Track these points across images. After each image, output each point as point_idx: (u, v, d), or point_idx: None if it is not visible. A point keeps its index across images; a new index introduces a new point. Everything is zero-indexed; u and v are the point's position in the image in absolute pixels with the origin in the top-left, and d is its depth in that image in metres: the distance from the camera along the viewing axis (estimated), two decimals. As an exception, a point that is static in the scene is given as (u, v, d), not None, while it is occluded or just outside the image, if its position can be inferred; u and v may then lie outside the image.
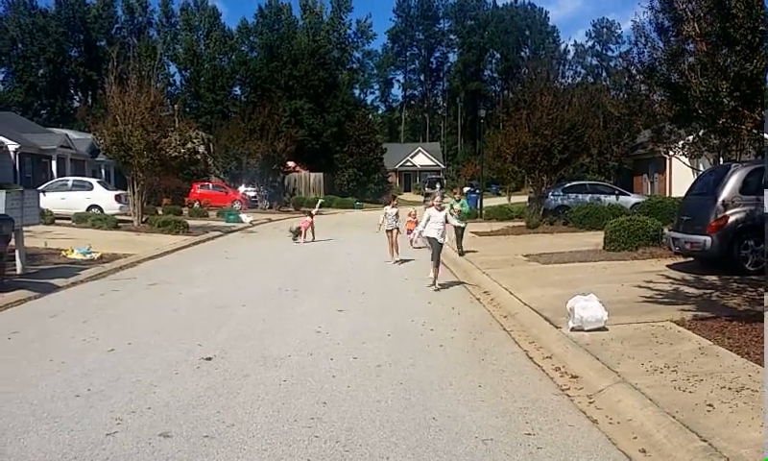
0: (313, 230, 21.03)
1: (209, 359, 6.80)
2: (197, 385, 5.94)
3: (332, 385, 5.94)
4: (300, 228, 20.82)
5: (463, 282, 12.38)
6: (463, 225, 15.02)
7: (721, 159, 17.48)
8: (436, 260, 11.54)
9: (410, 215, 19.11)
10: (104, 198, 26.53)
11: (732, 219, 11.04)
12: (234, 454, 4.42)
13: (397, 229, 15.50)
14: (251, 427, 4.90)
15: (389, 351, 7.21)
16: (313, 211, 22.44)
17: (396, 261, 15.03)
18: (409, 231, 17.61)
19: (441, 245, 11.65)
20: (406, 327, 8.49)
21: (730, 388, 5.25)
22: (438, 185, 43.03)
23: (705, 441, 4.29)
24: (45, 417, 5.11)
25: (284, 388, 5.86)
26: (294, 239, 20.64)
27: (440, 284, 11.64)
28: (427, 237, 11.70)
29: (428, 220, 11.58)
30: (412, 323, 8.71)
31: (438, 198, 12.27)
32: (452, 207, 14.63)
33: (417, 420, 5.06)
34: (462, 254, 15.75)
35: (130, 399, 5.55)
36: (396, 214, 15.61)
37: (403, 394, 5.71)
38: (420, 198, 46.61)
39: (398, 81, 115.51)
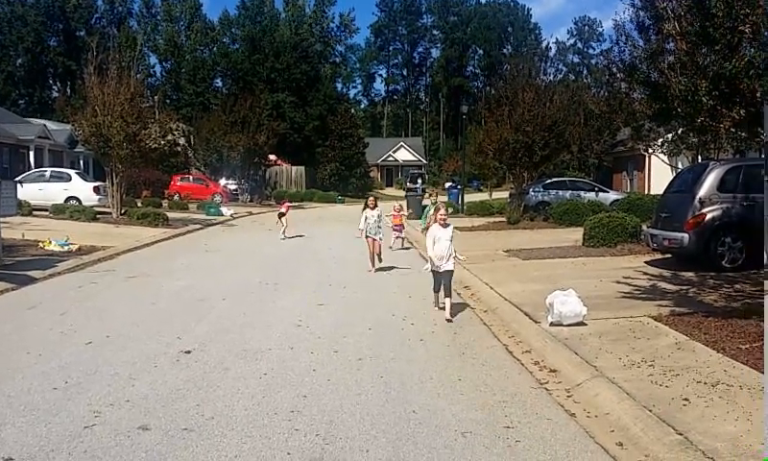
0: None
1: (189, 352, 6.76)
2: (176, 378, 5.91)
3: (313, 379, 5.94)
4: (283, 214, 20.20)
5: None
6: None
7: (699, 158, 17.71)
8: (447, 290, 8.60)
9: (395, 209, 17.11)
10: (82, 189, 26.23)
11: (709, 217, 11.18)
12: (214, 447, 4.41)
13: (380, 238, 13.18)
14: (230, 420, 4.89)
15: (370, 344, 7.22)
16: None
17: (378, 270, 12.92)
18: (396, 228, 16.62)
19: (452, 272, 8.72)
20: (387, 321, 8.50)
21: (705, 383, 5.33)
22: (419, 180, 42.85)
23: (680, 434, 4.35)
24: (22, 409, 5.06)
25: (264, 381, 5.85)
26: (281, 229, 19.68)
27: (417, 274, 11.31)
28: (436, 271, 8.71)
29: (434, 243, 8.62)
30: (393, 317, 8.73)
31: (442, 211, 9.06)
32: (429, 214, 12.83)
33: (397, 413, 5.07)
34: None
35: (108, 391, 5.50)
36: (379, 218, 13.25)
37: (384, 387, 5.72)
38: (402, 193, 46.54)
39: (381, 75, 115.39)
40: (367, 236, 13.08)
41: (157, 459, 4.22)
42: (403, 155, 79.58)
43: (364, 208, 13.38)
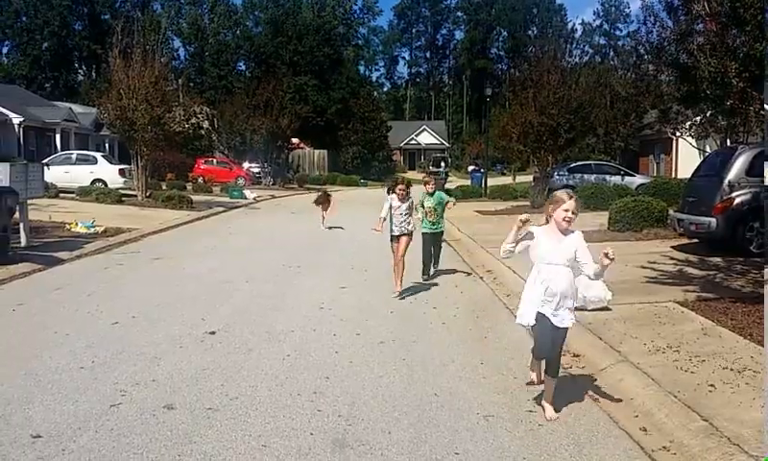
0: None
1: (213, 333, 6.83)
2: (201, 359, 5.97)
3: (335, 361, 5.97)
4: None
5: (466, 261, 12.38)
6: (435, 230, 10.25)
7: (728, 141, 17.39)
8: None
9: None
10: (108, 172, 26.53)
11: (737, 201, 11.00)
12: (238, 426, 4.46)
13: (410, 234, 9.08)
14: (254, 401, 4.93)
15: (391, 328, 7.23)
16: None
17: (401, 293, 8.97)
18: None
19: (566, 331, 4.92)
20: (409, 304, 8.51)
21: (732, 369, 5.26)
22: (443, 163, 42.33)
23: (706, 420, 4.30)
24: (50, 388, 5.15)
25: (287, 363, 5.89)
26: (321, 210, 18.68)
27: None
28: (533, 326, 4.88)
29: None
30: (415, 300, 8.73)
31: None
32: (422, 205, 10.26)
33: (419, 396, 5.08)
34: (428, 276, 10.25)
35: (134, 371, 5.58)
36: (409, 209, 9.09)
37: (406, 370, 5.73)
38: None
39: (404, 58, 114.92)
40: (394, 236, 8.87)
41: (182, 437, 4.27)
42: (426, 138, 79.25)
43: (389, 192, 9.06)
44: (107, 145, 42.20)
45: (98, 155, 29.12)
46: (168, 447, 4.13)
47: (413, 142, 79.26)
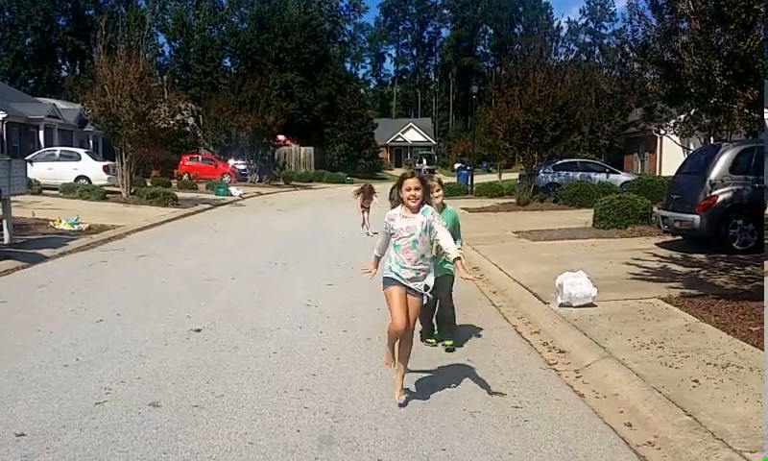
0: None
1: (198, 331, 6.79)
2: (186, 356, 5.94)
3: (322, 358, 5.96)
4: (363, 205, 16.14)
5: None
6: (445, 270, 6.11)
7: (712, 139, 17.54)
8: None
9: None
10: (92, 169, 26.34)
11: (721, 198, 11.09)
12: (224, 424, 4.44)
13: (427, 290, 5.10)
14: (240, 398, 4.91)
15: (378, 325, 7.20)
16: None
17: None
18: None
19: None
20: (396, 301, 8.50)
21: (715, 364, 5.31)
22: (424, 161, 41.56)
23: (690, 416, 4.34)
24: (33, 386, 5.10)
25: (274, 360, 5.88)
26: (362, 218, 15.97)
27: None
28: None
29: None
30: (401, 297, 8.72)
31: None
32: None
33: (405, 392, 5.08)
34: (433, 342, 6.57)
35: (119, 369, 5.54)
36: (427, 234, 4.78)
37: (392, 367, 5.72)
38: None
39: (390, 55, 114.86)
40: (388, 279, 4.83)
41: (168, 435, 4.25)
42: (412, 135, 79.28)
43: (391, 198, 5.07)
44: (91, 141, 41.82)
45: (82, 151, 28.90)
46: (153, 444, 4.11)
47: (399, 139, 79.26)
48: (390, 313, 4.77)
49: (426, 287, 4.81)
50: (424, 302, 4.95)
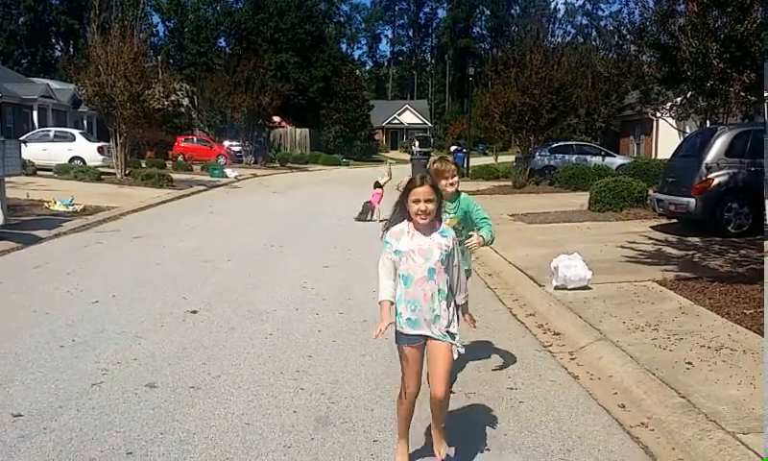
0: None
1: (195, 312, 6.80)
2: (182, 338, 5.95)
3: (318, 339, 5.98)
4: (370, 204, 15.26)
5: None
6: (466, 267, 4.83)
7: (708, 122, 17.54)
8: None
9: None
10: (86, 150, 26.18)
11: (716, 182, 11.12)
12: (221, 404, 4.46)
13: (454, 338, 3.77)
14: (236, 379, 4.93)
15: (374, 307, 7.21)
16: (382, 180, 15.53)
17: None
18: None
19: None
20: (391, 283, 8.51)
21: (709, 347, 5.34)
22: (416, 142, 40.44)
23: (683, 397, 4.38)
24: (30, 366, 5.11)
25: (270, 342, 5.89)
26: (362, 219, 15.04)
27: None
28: None
29: None
30: (397, 279, 8.73)
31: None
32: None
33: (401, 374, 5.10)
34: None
35: (115, 350, 5.55)
36: (447, 255, 3.54)
37: (388, 349, 5.72)
38: (407, 156, 46.20)
39: (386, 36, 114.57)
40: (401, 335, 3.57)
41: (165, 416, 4.27)
42: (408, 117, 79.01)
43: (396, 215, 3.60)
44: (85, 122, 41.59)
45: (76, 132, 28.71)
46: (150, 425, 4.12)
47: (395, 121, 79.00)
48: (401, 370, 3.65)
49: (452, 334, 3.54)
50: (455, 356, 3.58)
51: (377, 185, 15.39)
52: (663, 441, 3.98)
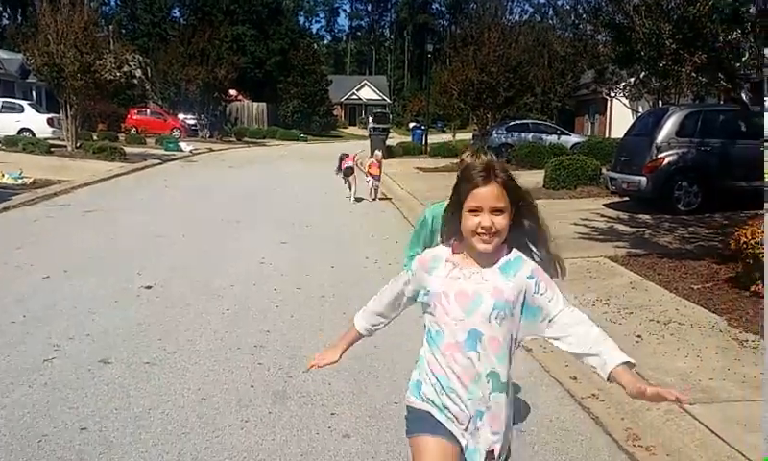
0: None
1: (149, 288, 6.71)
2: (137, 313, 5.87)
3: (276, 315, 5.97)
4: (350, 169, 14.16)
5: (405, 217, 12.47)
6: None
7: (660, 102, 17.91)
8: None
9: (377, 159, 14.50)
10: (35, 121, 25.44)
11: (666, 160, 11.38)
12: (176, 380, 4.43)
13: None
14: (193, 355, 4.90)
15: (332, 282, 7.26)
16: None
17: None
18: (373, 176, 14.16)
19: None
20: (349, 259, 8.54)
21: (658, 321, 5.51)
22: (370, 118, 39.41)
23: (632, 369, 4.51)
24: (-22, 343, 4.98)
25: (227, 317, 5.86)
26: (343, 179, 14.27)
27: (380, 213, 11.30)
28: None
29: None
30: (355, 255, 8.77)
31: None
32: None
33: (359, 348, 5.08)
34: None
35: (67, 325, 5.45)
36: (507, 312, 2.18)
37: (346, 324, 5.74)
38: (365, 132, 45.98)
39: (345, 10, 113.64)
40: (424, 421, 2.17)
41: (119, 391, 4.22)
42: (367, 93, 78.58)
43: (446, 231, 2.27)
44: (34, 93, 40.17)
45: (25, 103, 27.85)
46: (104, 401, 4.08)
47: (354, 97, 78.50)
48: None
49: (494, 454, 2.14)
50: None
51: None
52: (613, 411, 4.11)
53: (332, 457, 3.54)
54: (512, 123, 27.20)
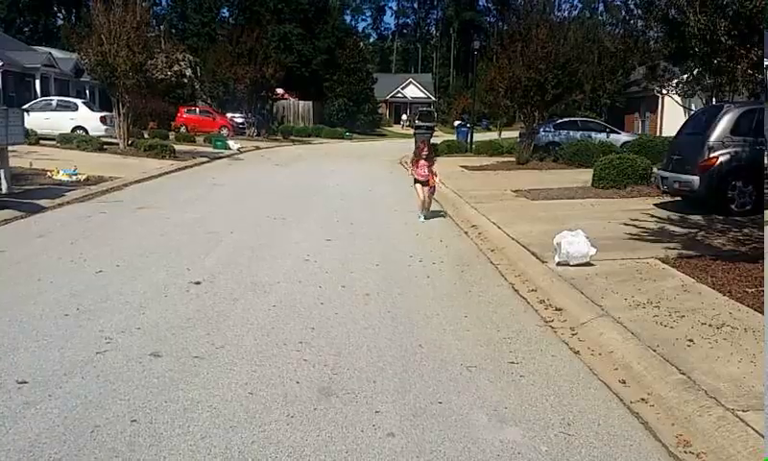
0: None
1: (198, 283, 6.83)
2: (186, 308, 5.98)
3: (321, 312, 6.01)
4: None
5: (451, 216, 12.41)
6: None
7: (714, 100, 17.40)
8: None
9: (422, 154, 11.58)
10: (89, 119, 26.08)
11: (720, 160, 11.06)
12: (224, 374, 4.49)
13: None
14: (240, 350, 4.97)
15: (377, 280, 7.27)
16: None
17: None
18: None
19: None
20: (394, 257, 8.54)
21: (710, 325, 5.36)
22: (404, 117, 38.26)
23: (683, 374, 4.40)
24: (35, 335, 5.14)
25: (273, 313, 5.93)
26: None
27: (426, 217, 11.37)
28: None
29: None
30: (400, 254, 8.76)
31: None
32: None
33: (403, 346, 5.14)
34: None
35: (119, 319, 5.58)
36: None
37: (390, 322, 5.78)
38: (410, 131, 45.88)
39: (391, 8, 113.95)
40: None
41: (169, 384, 4.31)
42: (412, 91, 78.50)
43: None
44: (87, 91, 41.36)
45: (79, 101, 28.59)
46: (154, 393, 4.16)
47: (399, 95, 78.49)
48: None
49: None
50: None
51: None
52: (663, 417, 4.01)
53: (377, 455, 3.54)
54: (559, 121, 26.83)
